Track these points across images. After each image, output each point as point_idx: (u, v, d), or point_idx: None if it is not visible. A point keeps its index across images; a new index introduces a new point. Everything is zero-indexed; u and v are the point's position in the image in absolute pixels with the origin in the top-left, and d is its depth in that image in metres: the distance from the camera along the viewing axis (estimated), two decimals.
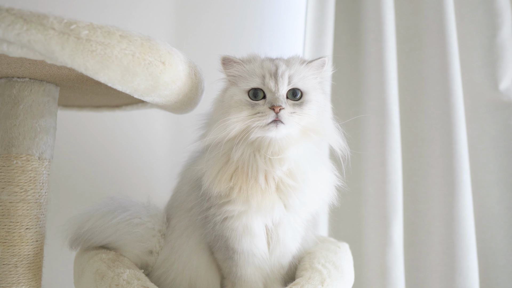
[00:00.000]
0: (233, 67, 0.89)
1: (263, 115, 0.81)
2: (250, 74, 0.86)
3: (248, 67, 0.88)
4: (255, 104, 0.83)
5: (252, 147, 0.86)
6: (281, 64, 0.86)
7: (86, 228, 0.95)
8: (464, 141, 1.41)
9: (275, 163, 0.84)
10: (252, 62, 0.89)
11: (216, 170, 0.86)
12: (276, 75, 0.84)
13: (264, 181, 0.84)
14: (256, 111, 0.82)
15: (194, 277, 0.94)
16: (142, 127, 1.57)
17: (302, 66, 0.88)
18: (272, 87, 0.84)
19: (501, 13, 1.47)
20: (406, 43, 1.54)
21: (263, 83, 0.85)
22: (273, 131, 0.81)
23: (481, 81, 1.49)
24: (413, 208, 1.49)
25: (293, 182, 0.86)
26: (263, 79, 0.85)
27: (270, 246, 0.92)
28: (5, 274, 0.90)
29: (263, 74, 0.85)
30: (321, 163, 0.91)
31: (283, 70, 0.85)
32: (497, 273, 1.44)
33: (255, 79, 0.85)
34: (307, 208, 0.92)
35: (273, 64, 0.86)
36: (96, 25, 0.72)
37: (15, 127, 0.92)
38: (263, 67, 0.86)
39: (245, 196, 0.84)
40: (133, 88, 0.80)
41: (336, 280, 0.88)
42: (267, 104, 0.82)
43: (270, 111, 0.81)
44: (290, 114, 0.82)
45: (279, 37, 1.68)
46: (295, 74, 0.86)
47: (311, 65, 0.90)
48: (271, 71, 0.85)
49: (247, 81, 0.86)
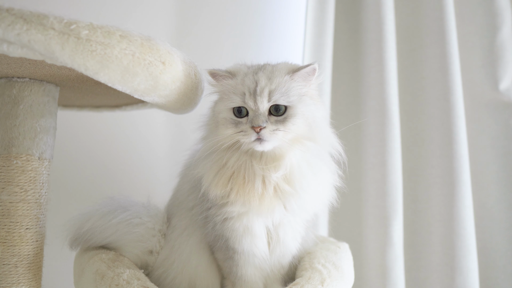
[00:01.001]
0: (219, 81, 0.88)
1: (245, 134, 0.81)
2: (232, 91, 0.85)
3: (231, 82, 0.86)
4: (238, 122, 0.83)
5: (246, 154, 0.85)
6: (262, 79, 0.83)
7: (86, 228, 0.95)
8: (464, 141, 1.41)
9: (271, 169, 0.84)
10: (236, 75, 0.86)
11: (213, 174, 0.86)
12: (255, 93, 0.81)
13: (261, 185, 0.84)
14: (240, 129, 0.82)
15: (194, 276, 0.94)
16: (142, 127, 1.57)
17: (287, 76, 0.84)
18: (251, 106, 0.82)
19: (501, 13, 1.47)
20: (406, 43, 1.54)
21: (243, 102, 0.83)
22: (258, 147, 0.81)
23: (481, 81, 1.48)
24: (413, 208, 1.49)
25: (290, 188, 0.85)
26: (244, 97, 0.83)
27: (271, 246, 0.92)
28: (5, 274, 0.90)
29: (243, 92, 0.83)
30: (322, 164, 0.90)
31: (262, 87, 0.82)
32: (497, 273, 1.44)
33: (237, 97, 0.83)
34: (306, 211, 0.92)
35: (253, 80, 0.83)
36: (96, 25, 0.72)
37: (15, 127, 0.92)
38: (244, 84, 0.84)
39: (243, 200, 0.84)
40: (133, 88, 0.80)
41: (336, 280, 0.88)
42: (248, 123, 0.81)
43: (252, 131, 0.80)
44: (273, 132, 0.80)
45: (279, 37, 1.68)
46: (277, 89, 0.82)
47: (299, 74, 0.84)
48: (250, 89, 0.82)
49: (230, 99, 0.84)
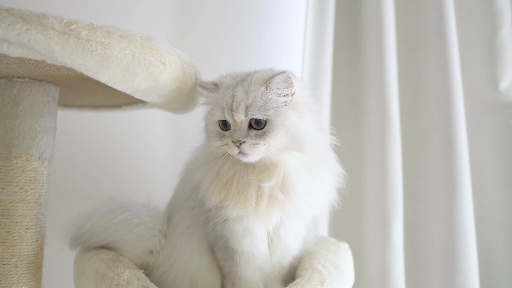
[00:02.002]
0: (206, 94, 0.88)
1: (229, 148, 0.82)
2: (215, 104, 0.85)
3: (214, 96, 0.86)
4: (223, 136, 0.84)
5: (240, 163, 0.85)
6: (238, 94, 0.81)
7: (86, 228, 0.95)
8: (464, 141, 1.41)
9: (265, 178, 0.82)
10: (218, 89, 0.86)
11: (209, 181, 0.86)
12: (232, 109, 0.81)
13: (255, 195, 0.82)
14: (224, 142, 0.83)
15: (195, 276, 0.94)
16: (142, 127, 1.57)
17: (263, 88, 0.81)
18: (230, 120, 0.82)
19: (501, 13, 1.47)
20: (406, 43, 1.54)
21: (223, 116, 0.83)
22: (243, 159, 0.81)
23: (481, 81, 1.48)
24: (413, 208, 1.49)
25: (283, 197, 0.83)
26: (223, 111, 0.83)
27: (271, 247, 0.92)
28: (5, 274, 0.90)
29: (223, 106, 0.83)
30: (322, 165, 0.87)
31: (238, 102, 0.80)
32: (497, 273, 1.44)
33: (218, 111, 0.84)
34: (304, 216, 0.91)
35: (231, 95, 0.82)
36: (96, 25, 0.72)
37: (15, 127, 0.92)
38: (224, 98, 0.83)
39: (238, 208, 0.84)
40: (133, 88, 0.80)
41: (336, 280, 0.88)
42: (230, 137, 0.82)
43: (233, 145, 0.80)
44: (253, 146, 0.79)
45: (279, 37, 1.68)
46: (253, 103, 0.80)
47: (273, 83, 0.81)
48: (228, 104, 0.82)
49: (214, 112, 0.85)
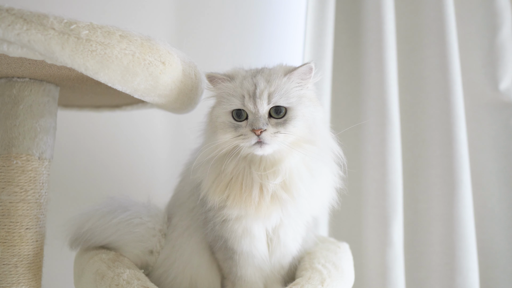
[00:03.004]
0: (217, 85, 0.87)
1: (245, 138, 0.80)
2: (231, 94, 0.84)
3: (230, 86, 0.85)
4: (238, 126, 0.82)
5: (245, 161, 0.85)
6: (261, 82, 0.82)
7: (86, 228, 0.95)
8: (464, 141, 1.41)
9: (270, 176, 0.83)
10: (235, 79, 0.86)
11: (211, 180, 0.86)
12: (255, 96, 0.81)
13: (258, 194, 0.83)
14: (239, 133, 0.81)
15: (195, 276, 0.94)
16: (142, 127, 1.57)
17: (285, 78, 0.83)
18: (251, 108, 0.81)
19: (501, 13, 1.47)
20: (406, 43, 1.54)
21: (243, 104, 0.82)
22: (259, 151, 0.80)
23: (481, 81, 1.48)
24: (413, 208, 1.49)
25: (287, 196, 0.84)
26: (243, 100, 0.82)
27: (271, 247, 0.92)
28: (5, 274, 0.90)
29: (242, 95, 0.82)
30: (322, 166, 0.88)
31: (261, 89, 0.81)
32: (497, 273, 1.44)
33: (236, 99, 0.83)
34: (304, 215, 0.91)
35: (252, 83, 0.83)
36: (96, 25, 0.72)
37: (15, 127, 0.92)
38: (243, 87, 0.83)
39: (239, 207, 0.84)
40: (133, 88, 0.80)
41: (336, 280, 0.88)
42: (248, 127, 0.80)
43: (252, 134, 0.79)
44: (274, 135, 0.79)
45: (279, 37, 1.68)
46: (276, 91, 0.81)
47: (295, 73, 0.84)
48: (250, 91, 0.82)
49: (229, 102, 0.84)
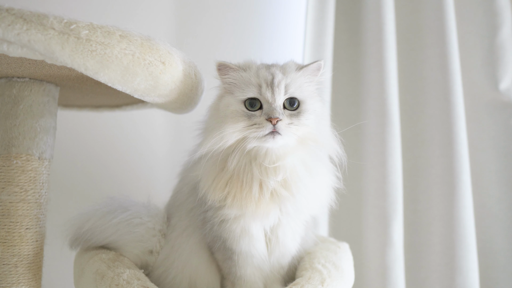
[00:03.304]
0: (229, 74, 0.86)
1: (260, 127, 0.79)
2: (246, 83, 0.84)
3: (244, 75, 0.85)
4: (251, 115, 0.81)
5: (248, 156, 0.84)
6: (277, 72, 0.84)
7: (86, 228, 0.95)
8: (464, 141, 1.41)
9: (270, 173, 0.83)
10: (248, 69, 0.86)
11: (211, 178, 0.86)
12: (273, 85, 0.82)
13: (258, 190, 0.83)
14: (253, 122, 0.81)
15: (194, 276, 0.94)
16: (142, 127, 1.57)
17: (298, 73, 0.85)
18: (268, 97, 0.81)
19: (501, 13, 1.47)
20: (406, 43, 1.54)
21: (259, 93, 0.82)
22: (270, 142, 0.80)
23: (481, 81, 1.48)
24: (413, 208, 1.49)
25: (287, 193, 0.84)
26: (260, 88, 0.82)
27: (269, 247, 0.92)
28: (5, 274, 0.90)
29: (259, 84, 0.82)
30: (321, 165, 0.90)
31: (279, 80, 0.82)
32: (497, 273, 1.44)
33: (251, 88, 0.83)
34: (303, 214, 0.91)
35: (269, 73, 0.83)
36: (96, 25, 0.72)
37: (15, 127, 0.92)
38: (259, 76, 0.83)
39: (239, 204, 0.84)
40: (133, 88, 0.80)
41: (336, 280, 0.87)
42: (264, 116, 0.80)
43: (267, 123, 0.79)
44: (288, 125, 0.80)
45: (279, 37, 1.68)
46: (291, 83, 0.83)
47: (307, 70, 0.87)
48: (267, 81, 0.82)
49: (243, 91, 0.83)
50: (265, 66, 0.88)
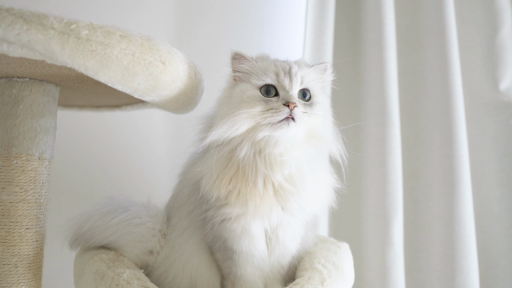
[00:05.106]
0: (244, 64, 0.89)
1: (276, 111, 0.81)
2: (263, 71, 0.87)
3: (260, 64, 0.89)
4: (268, 100, 0.84)
5: (256, 147, 0.85)
6: (293, 64, 0.89)
7: (86, 228, 0.95)
8: (464, 141, 1.41)
9: (276, 167, 0.84)
10: (264, 60, 0.90)
11: (215, 174, 0.86)
12: (291, 73, 0.86)
13: (262, 185, 0.85)
14: (270, 107, 0.83)
15: (195, 276, 0.94)
16: (142, 127, 1.57)
17: (310, 69, 0.91)
18: (286, 85, 0.85)
19: (501, 13, 1.47)
20: (406, 43, 1.54)
21: (277, 80, 0.86)
22: (283, 128, 0.81)
23: (481, 81, 1.49)
24: (413, 208, 1.49)
25: (292, 188, 0.86)
26: (277, 76, 0.86)
27: (270, 246, 0.92)
28: (5, 274, 0.90)
29: (277, 72, 0.86)
30: (321, 166, 0.92)
31: (296, 70, 0.87)
32: (497, 273, 1.44)
33: (270, 75, 0.86)
34: (305, 212, 0.92)
35: (286, 63, 0.89)
36: (96, 25, 0.72)
37: (15, 127, 0.92)
38: (277, 65, 0.88)
39: (243, 200, 0.84)
40: (133, 88, 0.80)
41: (336, 280, 0.88)
42: (281, 101, 0.83)
43: (284, 108, 0.81)
44: (302, 113, 0.83)
45: (279, 37, 1.68)
46: (306, 76, 0.88)
47: (316, 68, 0.93)
48: (285, 70, 0.87)
49: (260, 78, 0.86)
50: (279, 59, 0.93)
